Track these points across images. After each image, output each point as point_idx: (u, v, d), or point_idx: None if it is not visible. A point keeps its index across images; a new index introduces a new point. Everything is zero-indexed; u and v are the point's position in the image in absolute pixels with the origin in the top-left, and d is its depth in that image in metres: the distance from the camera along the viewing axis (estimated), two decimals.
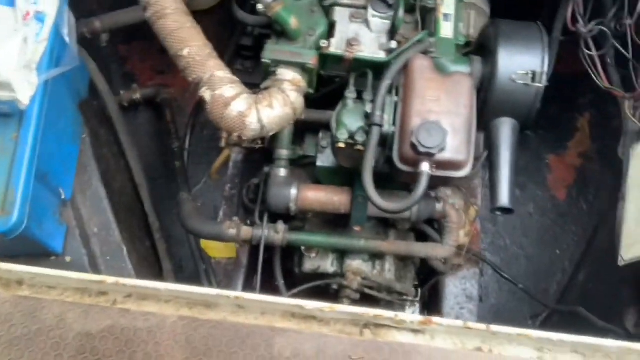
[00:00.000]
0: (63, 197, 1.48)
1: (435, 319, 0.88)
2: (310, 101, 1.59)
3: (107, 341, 0.81)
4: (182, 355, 0.81)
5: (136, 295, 0.87)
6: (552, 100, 2.28)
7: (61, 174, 1.47)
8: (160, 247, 1.97)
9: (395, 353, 0.84)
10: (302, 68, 1.37)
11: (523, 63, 1.30)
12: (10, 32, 1.21)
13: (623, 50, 1.61)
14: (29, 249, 1.39)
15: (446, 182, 1.46)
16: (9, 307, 0.83)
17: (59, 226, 1.48)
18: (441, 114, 1.26)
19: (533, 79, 1.29)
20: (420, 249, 1.62)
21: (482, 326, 0.88)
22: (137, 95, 2.06)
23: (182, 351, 0.81)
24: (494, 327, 0.88)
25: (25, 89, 1.22)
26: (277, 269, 1.72)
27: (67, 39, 1.36)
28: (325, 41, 1.40)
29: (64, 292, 0.87)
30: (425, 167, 1.25)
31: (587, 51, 1.61)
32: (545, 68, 1.30)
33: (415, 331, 0.90)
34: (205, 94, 1.27)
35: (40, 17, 1.27)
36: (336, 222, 1.71)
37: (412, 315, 0.89)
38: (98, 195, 1.63)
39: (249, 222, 1.68)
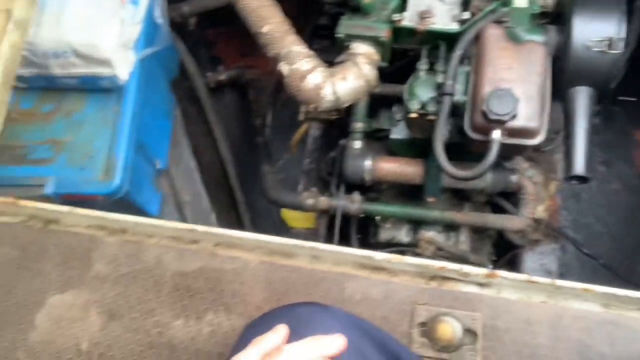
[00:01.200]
0: (159, 167, 1.62)
1: (501, 272, 0.91)
2: (385, 75, 1.64)
3: (199, 280, 0.91)
4: (263, 294, 0.89)
5: (224, 244, 0.96)
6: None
7: (156, 146, 1.60)
8: (245, 218, 2.10)
9: (458, 300, 0.88)
10: (376, 41, 1.42)
11: (599, 30, 1.28)
12: (109, 16, 1.35)
13: None
14: (129, 213, 1.53)
15: (520, 151, 1.46)
16: (115, 249, 0.95)
17: (156, 193, 1.62)
18: (513, 81, 1.28)
19: (610, 46, 1.27)
20: (495, 220, 1.63)
21: (547, 280, 0.90)
22: (222, 77, 2.18)
23: (263, 291, 0.90)
24: (560, 282, 0.91)
25: (123, 66, 1.36)
26: (354, 238, 1.80)
27: (159, 20, 1.49)
28: (398, 15, 1.44)
29: (160, 240, 0.98)
30: (496, 134, 1.27)
31: None
32: (623, 34, 1.27)
33: (481, 284, 0.94)
34: (284, 68, 1.36)
35: (135, 1, 1.41)
36: (411, 194, 1.76)
37: (477, 268, 0.93)
38: (189, 167, 1.78)
39: (326, 194, 1.76)
